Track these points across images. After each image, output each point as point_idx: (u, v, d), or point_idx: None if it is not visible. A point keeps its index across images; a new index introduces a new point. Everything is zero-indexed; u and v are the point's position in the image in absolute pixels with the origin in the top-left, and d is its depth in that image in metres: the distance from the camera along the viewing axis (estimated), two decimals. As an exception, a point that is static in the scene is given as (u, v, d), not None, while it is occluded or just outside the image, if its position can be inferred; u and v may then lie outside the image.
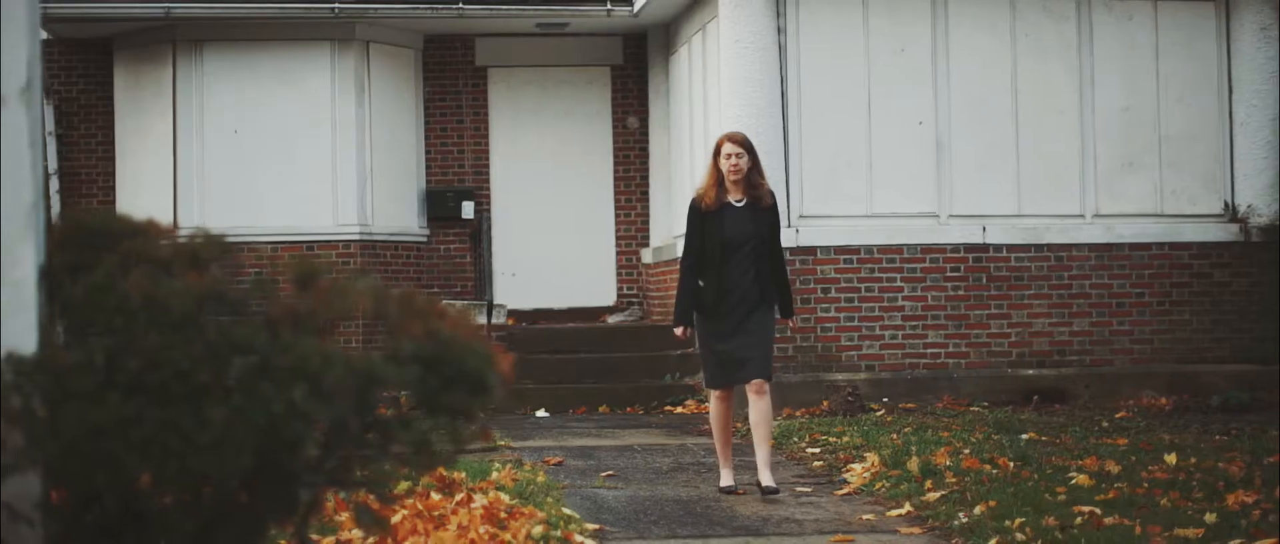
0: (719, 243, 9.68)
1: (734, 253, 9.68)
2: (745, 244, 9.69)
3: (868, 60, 15.20)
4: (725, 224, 9.70)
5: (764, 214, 9.79)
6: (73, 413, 3.71)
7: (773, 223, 9.85)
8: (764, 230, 9.77)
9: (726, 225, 9.70)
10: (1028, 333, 15.18)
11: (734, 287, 9.68)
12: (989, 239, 15.17)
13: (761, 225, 9.75)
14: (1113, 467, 10.16)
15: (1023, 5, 15.43)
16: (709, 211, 9.77)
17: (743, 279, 9.69)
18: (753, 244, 9.69)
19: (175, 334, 3.87)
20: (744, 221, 9.72)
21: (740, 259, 9.68)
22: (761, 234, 9.74)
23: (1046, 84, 15.44)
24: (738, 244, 9.69)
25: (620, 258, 19.02)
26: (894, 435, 12.17)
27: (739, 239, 9.69)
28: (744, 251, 9.69)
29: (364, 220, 17.60)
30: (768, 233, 9.80)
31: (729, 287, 9.67)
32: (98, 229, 4.19)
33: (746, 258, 9.69)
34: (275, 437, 3.82)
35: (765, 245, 9.77)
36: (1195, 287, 15.45)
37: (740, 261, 9.68)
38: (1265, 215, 15.56)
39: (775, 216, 9.89)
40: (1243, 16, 15.61)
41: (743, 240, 9.69)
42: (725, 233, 9.68)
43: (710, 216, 9.76)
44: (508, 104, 18.81)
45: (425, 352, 4.16)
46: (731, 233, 9.68)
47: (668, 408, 15.55)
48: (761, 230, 9.75)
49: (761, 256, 9.74)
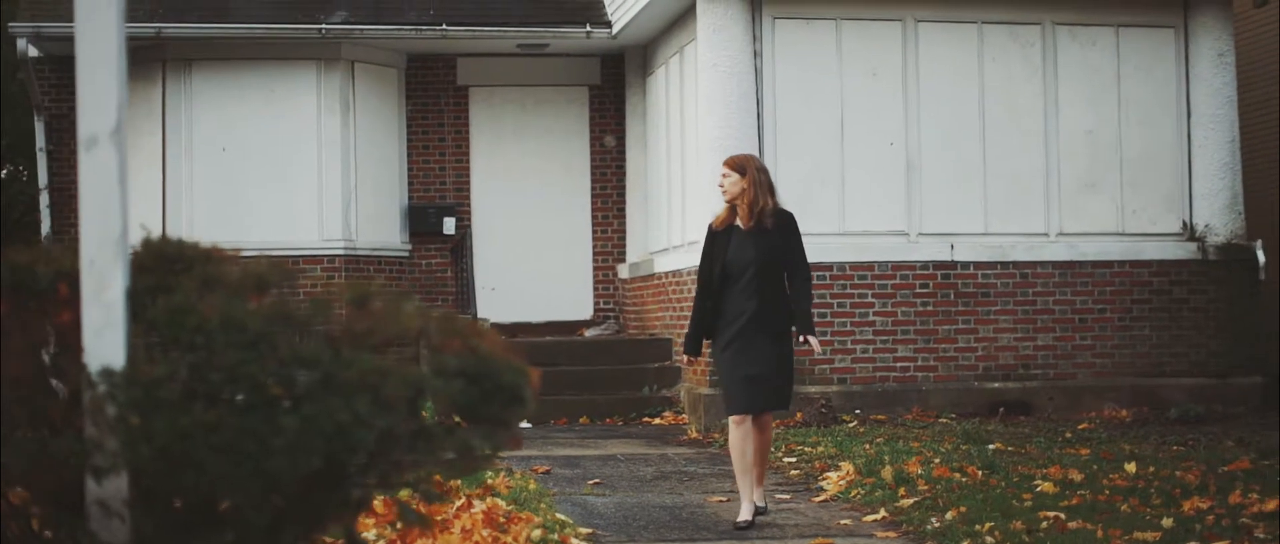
0: (720, 268, 9.46)
1: (736, 279, 9.43)
2: (747, 270, 9.38)
3: (841, 83, 15.70)
4: (728, 250, 9.45)
5: (768, 237, 9.43)
6: (163, 420, 4.19)
7: (783, 245, 9.45)
8: (771, 256, 9.40)
9: (729, 251, 9.45)
10: (994, 347, 15.70)
11: (738, 313, 9.40)
12: (957, 256, 15.68)
13: (765, 250, 9.39)
14: (1076, 475, 10.68)
15: (990, 30, 15.97)
16: (717, 236, 9.58)
17: (747, 306, 9.38)
18: (755, 269, 9.36)
19: (250, 350, 4.35)
20: (746, 247, 9.41)
21: (743, 286, 9.40)
22: (767, 259, 9.38)
23: (1013, 107, 15.98)
24: (739, 270, 9.41)
25: (597, 273, 19.50)
26: (867, 445, 12.67)
27: (740, 265, 9.41)
28: (746, 277, 9.39)
29: (348, 236, 18.04)
30: (777, 257, 9.42)
31: (734, 313, 9.41)
32: (173, 255, 4.67)
33: (749, 284, 9.38)
34: (341, 442, 4.30)
35: (775, 270, 9.44)
36: (1155, 303, 15.99)
37: (743, 288, 9.39)
38: (1222, 235, 16.11)
39: (785, 238, 9.47)
40: (1200, 43, 16.18)
41: (743, 266, 9.40)
42: (726, 258, 9.45)
43: (717, 242, 9.56)
44: (488, 122, 19.28)
45: (468, 366, 4.64)
46: (731, 258, 9.43)
47: (646, 419, 16.03)
48: (766, 255, 9.38)
49: (770, 283, 9.42)
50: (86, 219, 4.41)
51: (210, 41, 17.63)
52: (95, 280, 4.38)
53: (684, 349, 9.87)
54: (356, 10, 17.90)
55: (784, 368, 9.50)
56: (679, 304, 16.31)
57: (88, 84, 4.40)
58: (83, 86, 4.41)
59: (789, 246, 9.50)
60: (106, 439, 4.21)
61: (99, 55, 4.39)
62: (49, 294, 4.44)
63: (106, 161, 4.38)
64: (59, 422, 4.33)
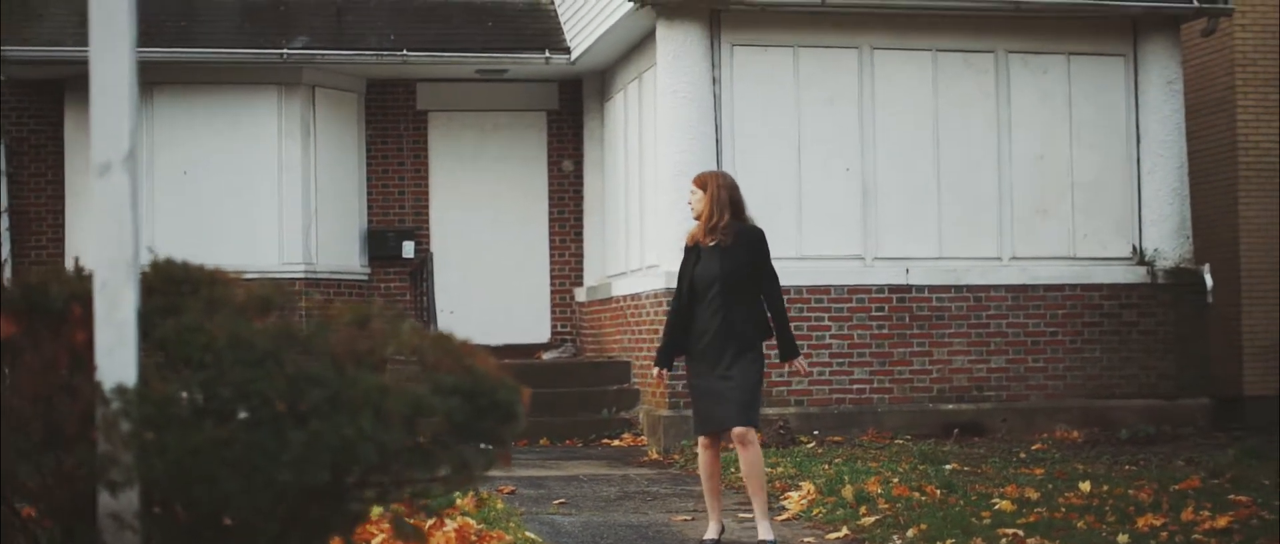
0: (689, 285, 9.46)
1: (702, 296, 9.39)
2: (712, 286, 9.34)
3: (798, 109, 15.95)
4: (697, 266, 9.44)
5: (733, 254, 9.38)
6: (176, 435, 4.36)
7: (749, 261, 9.40)
8: (736, 273, 9.35)
9: (697, 268, 9.43)
10: (948, 370, 15.96)
11: (704, 330, 9.37)
12: (912, 280, 15.93)
13: (730, 267, 9.33)
14: (1032, 493, 10.92)
15: (944, 58, 16.25)
16: (689, 252, 9.58)
17: (712, 322, 9.34)
18: (719, 286, 9.31)
19: (258, 368, 4.52)
20: (712, 263, 9.37)
21: (708, 301, 9.36)
22: (731, 276, 9.33)
23: (967, 133, 16.26)
24: (704, 286, 9.38)
25: (555, 296, 19.68)
26: (826, 466, 12.89)
27: (705, 281, 9.37)
28: (711, 294, 9.34)
29: (309, 259, 18.16)
30: (742, 274, 9.37)
31: (700, 330, 9.39)
32: (180, 277, 4.84)
33: (714, 300, 9.33)
34: (346, 456, 4.48)
35: (741, 288, 9.38)
36: (1105, 326, 16.28)
37: (709, 304, 9.36)
38: (1171, 259, 16.43)
39: (752, 255, 9.43)
40: (1150, 71, 16.51)
41: (708, 282, 9.36)
42: (693, 275, 9.44)
43: (688, 258, 9.56)
44: (447, 147, 19.46)
45: (464, 385, 4.82)
46: (698, 274, 9.41)
47: (605, 441, 16.21)
48: (730, 272, 9.33)
49: (736, 300, 9.35)
50: (100, 242, 4.58)
51: (172, 65, 17.74)
52: (108, 301, 4.55)
53: (655, 361, 9.79)
54: (317, 36, 18.06)
55: (743, 383, 9.30)
56: (637, 327, 16.50)
57: (101, 112, 4.57)
58: (96, 114, 4.58)
59: (755, 264, 9.42)
60: (121, 454, 4.38)
61: (113, 85, 4.56)
62: (63, 314, 4.60)
63: (119, 187, 4.55)
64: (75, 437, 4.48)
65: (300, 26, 18.10)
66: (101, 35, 4.59)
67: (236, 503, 4.45)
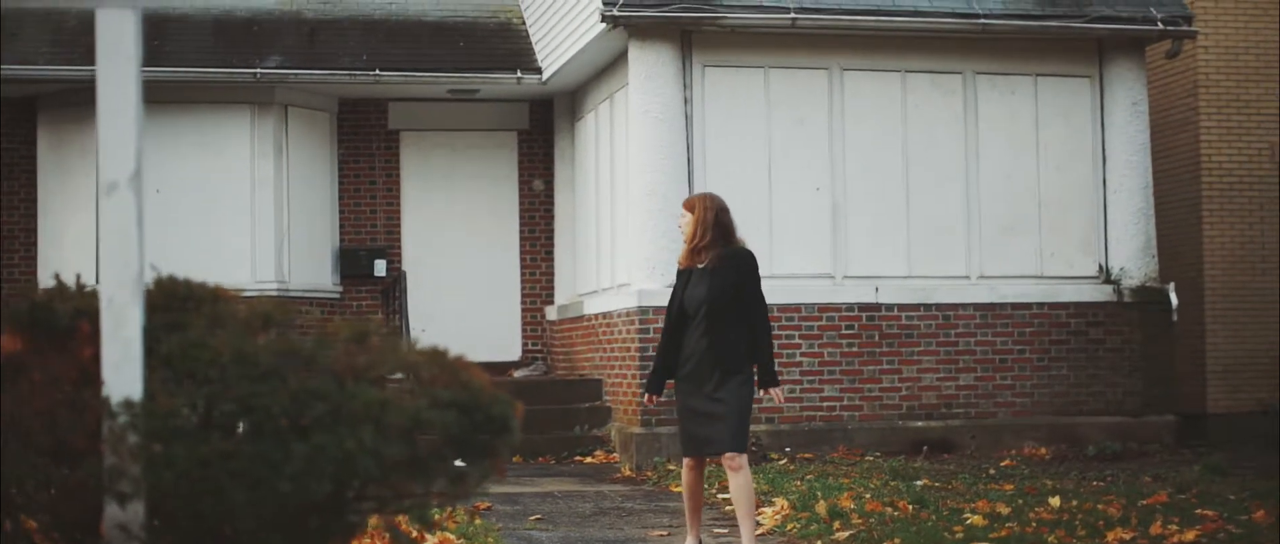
0: (678, 308, 9.40)
1: (691, 318, 9.32)
2: (699, 308, 9.25)
3: (769, 130, 16.11)
4: (685, 289, 9.40)
5: (721, 277, 9.29)
6: (184, 448, 4.47)
7: (736, 284, 9.30)
8: (722, 295, 9.25)
9: (685, 290, 9.39)
10: (917, 387, 16.12)
11: (691, 353, 9.30)
12: (881, 299, 16.10)
13: (717, 290, 9.24)
14: (1003, 508, 11.07)
15: (913, 79, 16.44)
16: (680, 275, 9.52)
17: (699, 345, 9.25)
18: (706, 309, 9.22)
19: (262, 383, 4.63)
20: (700, 286, 9.30)
21: (695, 324, 9.27)
22: (717, 299, 9.24)
23: (935, 153, 16.45)
24: (693, 309, 9.30)
25: (526, 315, 19.80)
26: (798, 482, 13.02)
27: (693, 304, 9.30)
28: (699, 316, 9.26)
29: (281, 277, 18.24)
30: (728, 297, 9.27)
31: (688, 353, 9.32)
32: (183, 294, 4.95)
33: (701, 323, 9.24)
34: (347, 469, 4.59)
35: (727, 310, 9.28)
36: (1072, 344, 16.47)
37: (696, 327, 9.27)
38: (1136, 277, 16.64)
39: (740, 278, 9.33)
40: (1115, 92, 16.72)
41: (696, 305, 9.27)
42: (681, 298, 9.40)
43: (680, 280, 9.50)
44: (419, 166, 19.57)
45: (460, 399, 4.94)
46: (687, 297, 9.35)
47: (578, 458, 16.31)
48: (717, 295, 9.24)
49: (723, 322, 9.26)
50: (106, 260, 4.68)
51: (146, 84, 17.58)
52: (114, 318, 4.65)
53: (645, 387, 9.77)
54: (290, 55, 18.15)
55: (733, 408, 9.22)
56: (608, 345, 16.62)
57: (108, 132, 4.68)
58: (104, 135, 4.69)
59: (742, 287, 9.31)
60: (129, 466, 4.48)
61: (119, 106, 4.67)
62: (71, 331, 4.70)
63: (125, 206, 4.65)
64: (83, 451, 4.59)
65: (273, 46, 18.18)
66: (108, 60, 4.70)
67: (241, 514, 4.55)
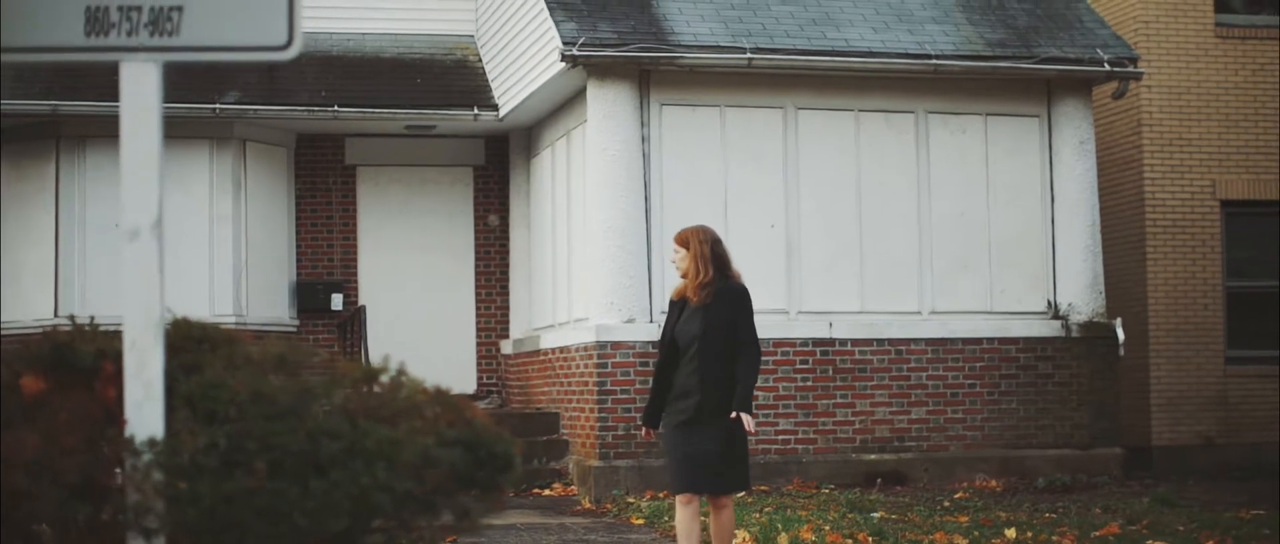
0: (670, 342, 9.33)
1: (683, 353, 9.22)
2: (692, 344, 9.14)
3: (725, 167, 16.37)
4: (679, 323, 9.28)
5: (714, 312, 9.18)
6: (207, 485, 4.66)
7: (730, 320, 9.18)
8: (716, 330, 9.15)
9: (678, 325, 9.28)
10: (870, 420, 16.38)
11: (683, 389, 9.19)
12: (835, 334, 16.36)
13: (710, 325, 9.13)
14: (960, 540, 11.34)
15: (866, 118, 16.73)
16: (672, 308, 9.43)
17: (691, 381, 9.14)
18: (698, 345, 9.12)
19: (280, 422, 4.83)
20: (693, 321, 9.19)
21: (688, 360, 9.17)
22: (711, 334, 9.14)
23: (888, 191, 16.74)
24: (685, 344, 9.19)
25: (481, 349, 19.97)
26: (758, 514, 13.24)
27: (686, 339, 9.19)
28: (691, 351, 9.15)
29: (239, 311, 18.34)
30: (722, 333, 9.16)
31: (680, 389, 9.22)
32: (199, 336, 5.14)
33: (693, 359, 9.14)
34: (363, 503, 4.79)
35: (720, 345, 9.16)
36: (1021, 378, 16.77)
37: (688, 362, 9.17)
38: (1084, 313, 16.96)
39: (734, 313, 9.21)
40: (1063, 131, 17.07)
41: (689, 340, 9.16)
42: (673, 332, 9.30)
43: (672, 314, 9.42)
44: (375, 201, 19.73)
45: (465, 437, 5.16)
46: (679, 331, 9.24)
47: (536, 491, 16.47)
48: (711, 330, 9.14)
49: (715, 358, 9.14)
50: (129, 304, 4.87)
51: (105, 119, 17.86)
52: (136, 360, 4.84)
53: (641, 419, 9.71)
54: (249, 91, 18.29)
55: (730, 448, 9.13)
56: (566, 380, 16.81)
57: (131, 180, 4.87)
58: (127, 182, 4.88)
59: (736, 322, 9.20)
60: (153, 502, 4.67)
61: (142, 156, 4.87)
62: (94, 371, 4.89)
63: (148, 252, 4.84)
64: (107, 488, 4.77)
65: (232, 81, 18.31)
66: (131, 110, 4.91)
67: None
